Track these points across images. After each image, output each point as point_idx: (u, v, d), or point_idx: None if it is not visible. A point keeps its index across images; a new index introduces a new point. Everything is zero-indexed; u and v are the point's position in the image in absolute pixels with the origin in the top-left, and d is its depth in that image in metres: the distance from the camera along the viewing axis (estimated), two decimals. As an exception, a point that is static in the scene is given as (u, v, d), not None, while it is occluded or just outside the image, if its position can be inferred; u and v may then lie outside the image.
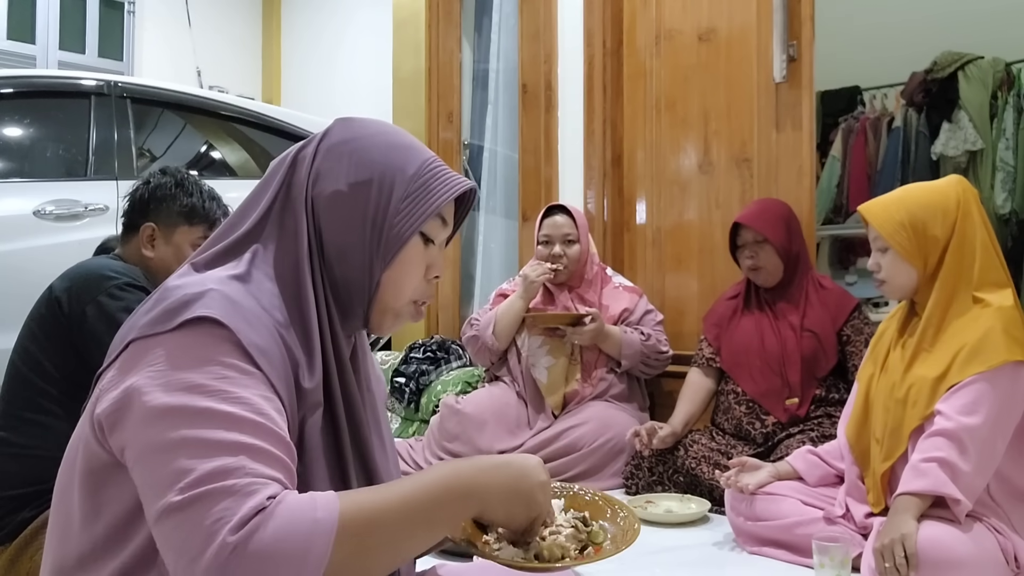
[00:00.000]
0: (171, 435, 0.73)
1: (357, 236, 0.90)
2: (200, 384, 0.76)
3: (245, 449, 0.74)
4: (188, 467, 0.72)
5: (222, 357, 0.78)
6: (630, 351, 2.72)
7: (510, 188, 3.84)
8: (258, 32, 5.56)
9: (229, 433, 0.74)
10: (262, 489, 0.72)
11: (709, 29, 3.02)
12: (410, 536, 0.78)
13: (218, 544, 0.68)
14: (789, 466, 1.99)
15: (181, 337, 0.78)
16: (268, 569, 0.69)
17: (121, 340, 0.82)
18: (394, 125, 1.00)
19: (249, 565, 0.68)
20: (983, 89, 4.11)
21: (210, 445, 0.73)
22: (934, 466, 1.59)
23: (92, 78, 3.40)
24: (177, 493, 0.71)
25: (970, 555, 1.54)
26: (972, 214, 1.74)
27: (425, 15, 3.98)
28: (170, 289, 0.83)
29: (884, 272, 1.81)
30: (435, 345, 3.53)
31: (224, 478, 0.71)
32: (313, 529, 0.71)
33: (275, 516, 0.70)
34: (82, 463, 0.82)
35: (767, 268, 2.44)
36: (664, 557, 1.96)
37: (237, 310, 0.81)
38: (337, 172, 0.92)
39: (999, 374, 1.62)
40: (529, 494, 0.86)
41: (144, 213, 1.84)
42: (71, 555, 0.82)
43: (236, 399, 0.76)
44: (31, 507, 1.59)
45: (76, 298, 1.66)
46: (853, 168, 4.70)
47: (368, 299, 0.92)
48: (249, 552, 0.68)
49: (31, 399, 1.65)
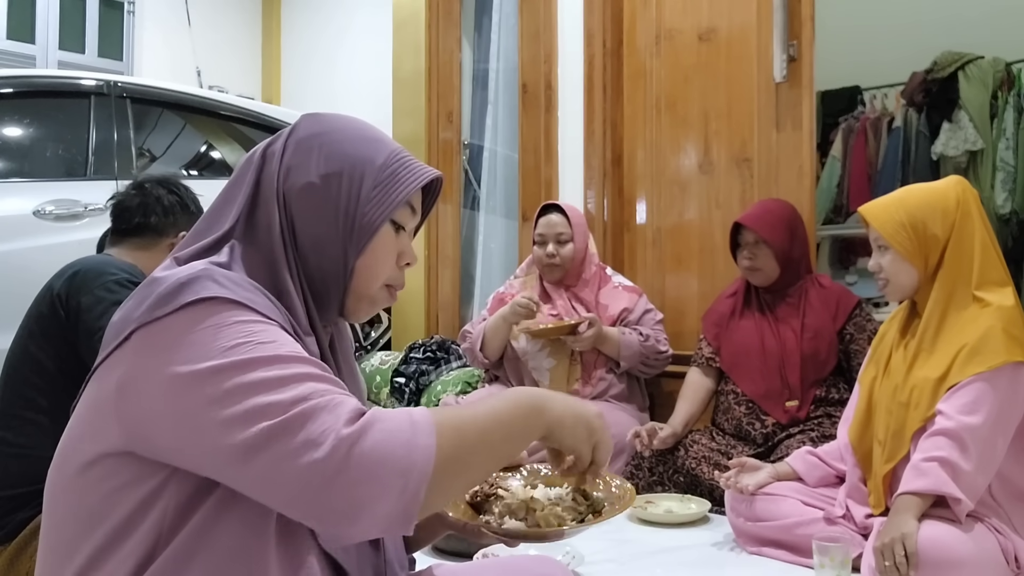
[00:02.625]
0: (233, 383, 0.74)
1: (330, 226, 0.92)
2: (236, 343, 0.77)
3: (310, 377, 0.77)
4: (267, 400, 0.74)
5: (239, 317, 0.79)
6: (628, 352, 2.72)
7: (510, 188, 3.83)
8: (258, 32, 5.55)
9: (287, 368, 0.76)
10: (347, 399, 0.76)
11: (709, 29, 3.01)
12: (494, 446, 0.82)
13: (333, 442, 0.72)
14: (789, 467, 1.99)
15: (188, 314, 0.79)
16: (386, 460, 0.73)
17: (118, 333, 0.82)
18: (361, 120, 1.00)
19: (368, 458, 0.72)
20: (983, 89, 4.10)
21: (278, 381, 0.75)
22: (935, 465, 1.58)
23: (92, 78, 3.40)
24: (266, 419, 0.73)
25: (970, 555, 1.54)
26: (972, 214, 1.74)
27: (425, 15, 3.98)
28: (159, 279, 0.83)
29: (885, 272, 1.81)
30: (435, 345, 3.53)
31: (309, 399, 0.74)
32: (414, 428, 0.76)
33: (378, 417, 0.75)
34: (83, 458, 0.81)
35: (764, 270, 2.44)
36: (664, 557, 1.96)
37: (232, 283, 0.82)
38: (307, 165, 0.93)
39: (999, 375, 1.62)
40: (590, 420, 0.91)
41: (175, 224, 1.88)
42: (71, 557, 0.81)
43: (274, 343, 0.78)
44: (31, 506, 1.59)
45: (73, 292, 1.66)
46: (853, 168, 4.70)
47: (343, 287, 0.95)
48: (365, 445, 0.72)
49: (29, 398, 1.65)
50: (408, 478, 0.73)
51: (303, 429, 0.72)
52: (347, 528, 0.74)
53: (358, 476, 0.72)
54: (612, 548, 2.00)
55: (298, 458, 0.72)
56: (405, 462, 0.74)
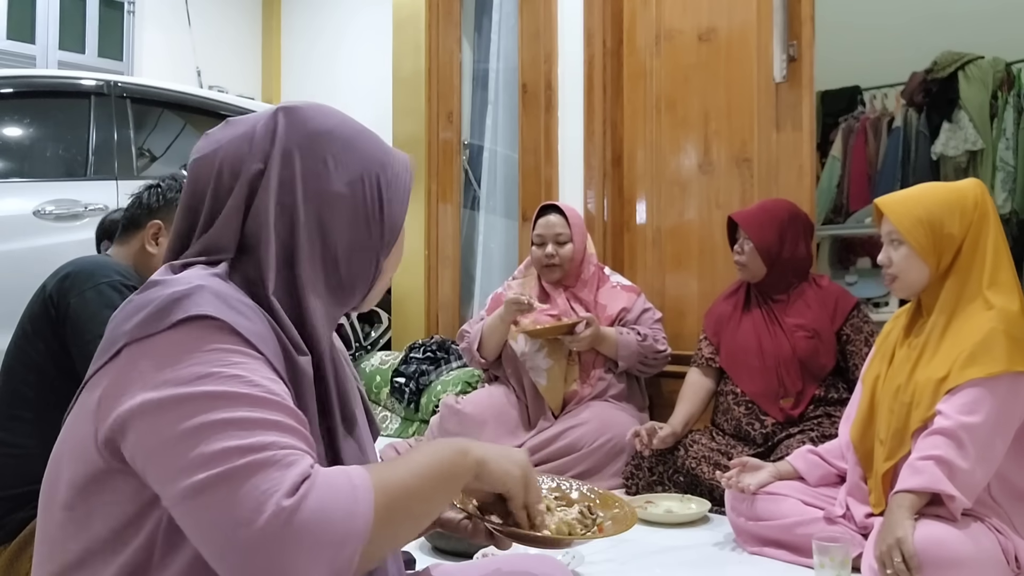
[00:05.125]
0: (194, 421, 0.73)
1: (362, 232, 0.91)
2: (211, 372, 0.76)
3: (274, 425, 0.75)
4: (222, 445, 0.72)
5: (223, 345, 0.78)
6: (626, 352, 2.72)
7: (510, 188, 3.83)
8: (258, 32, 5.56)
9: (253, 411, 0.75)
10: (301, 459, 0.74)
11: (709, 29, 3.02)
12: (428, 498, 0.82)
13: (272, 509, 0.70)
14: (790, 466, 1.99)
15: (177, 334, 0.78)
16: (323, 531, 0.71)
17: (111, 344, 0.81)
18: (333, 107, 0.96)
19: (305, 528, 0.71)
20: (983, 89, 4.11)
21: (239, 423, 0.74)
22: (930, 464, 1.59)
23: (92, 78, 3.40)
24: (216, 466, 0.71)
25: (970, 553, 1.55)
26: (989, 217, 1.74)
27: (425, 15, 3.98)
28: (153, 290, 0.81)
29: (896, 267, 1.79)
30: (435, 345, 3.53)
31: (264, 450, 0.73)
32: (354, 494, 0.74)
33: (318, 484, 0.73)
34: (75, 470, 0.81)
35: (749, 267, 2.46)
36: (664, 557, 1.96)
37: (227, 302, 0.81)
38: (326, 174, 0.90)
39: (999, 383, 1.61)
40: (515, 456, 0.93)
41: (150, 213, 1.85)
42: (64, 562, 0.81)
43: (249, 382, 0.77)
44: (30, 506, 1.58)
45: (64, 294, 1.66)
46: (853, 168, 4.70)
47: (369, 286, 0.96)
48: (303, 516, 0.71)
49: (26, 397, 1.65)
50: (344, 547, 0.72)
51: (248, 483, 0.71)
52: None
53: (293, 545, 0.70)
54: (612, 548, 2.00)
55: (233, 514, 0.71)
56: (343, 532, 0.72)
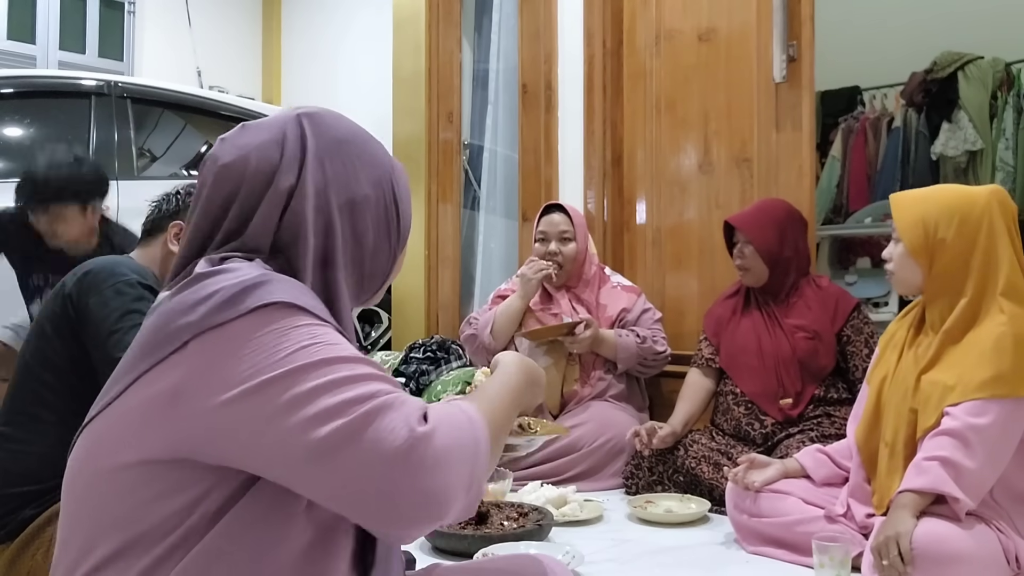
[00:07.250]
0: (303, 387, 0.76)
1: (383, 231, 0.97)
2: (302, 345, 0.78)
3: (376, 377, 0.79)
4: (340, 398, 0.75)
5: (305, 321, 0.81)
6: (625, 354, 2.73)
7: (510, 188, 3.83)
8: (258, 32, 5.56)
9: (354, 368, 0.78)
10: (411, 399, 0.79)
11: (709, 29, 3.02)
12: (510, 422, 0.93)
13: (414, 438, 0.74)
14: (797, 463, 1.99)
15: (252, 320, 0.79)
16: (459, 449, 0.77)
17: (171, 338, 0.79)
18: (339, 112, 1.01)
19: (445, 448, 0.76)
20: (983, 89, 4.11)
21: (346, 380, 0.77)
22: (935, 464, 1.59)
23: (92, 78, 3.41)
24: (342, 416, 0.74)
25: (970, 551, 1.55)
26: (996, 226, 1.71)
27: (425, 15, 3.98)
28: (209, 281, 0.82)
29: (893, 264, 1.83)
30: (435, 345, 3.53)
31: (380, 396, 0.77)
32: (470, 420, 0.81)
33: (438, 413, 0.79)
34: (111, 466, 0.80)
35: (752, 270, 2.45)
36: (664, 557, 1.96)
37: (297, 288, 0.84)
38: (353, 177, 0.94)
39: (1007, 404, 1.61)
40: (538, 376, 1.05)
41: (171, 216, 1.87)
42: (103, 554, 0.80)
43: (338, 344, 0.81)
44: (32, 505, 1.59)
45: (83, 292, 1.67)
46: (853, 168, 4.70)
47: (384, 280, 1.01)
48: (441, 439, 0.76)
49: (42, 396, 1.66)
50: (474, 473, 0.78)
51: (378, 424, 0.74)
52: (419, 524, 0.76)
53: (442, 465, 0.75)
54: (612, 548, 2.00)
55: (376, 452, 0.74)
56: (471, 451, 0.79)
